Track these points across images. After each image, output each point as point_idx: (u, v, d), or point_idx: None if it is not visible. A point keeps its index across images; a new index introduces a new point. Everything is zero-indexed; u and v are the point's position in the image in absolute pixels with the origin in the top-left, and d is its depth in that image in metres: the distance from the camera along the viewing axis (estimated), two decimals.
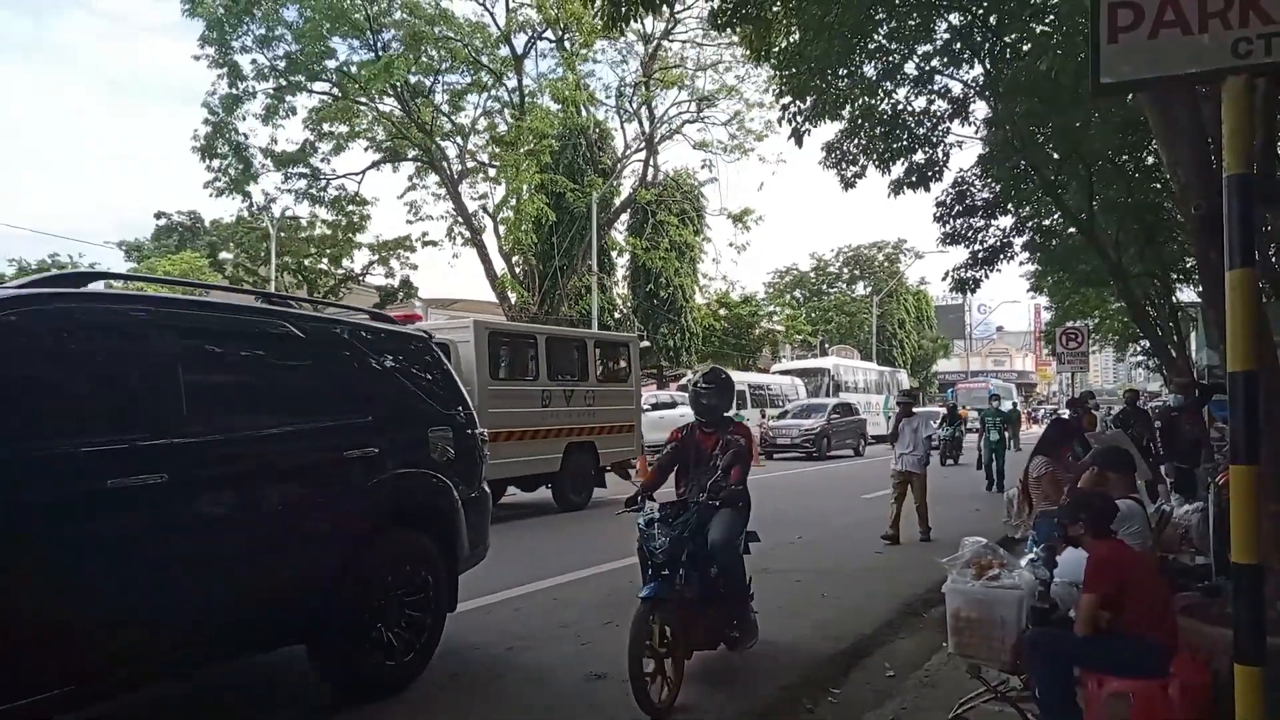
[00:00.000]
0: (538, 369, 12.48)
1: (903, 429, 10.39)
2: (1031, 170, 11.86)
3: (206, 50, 23.73)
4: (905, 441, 10.32)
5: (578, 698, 4.76)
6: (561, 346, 13.37)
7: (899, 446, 10.39)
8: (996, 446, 15.96)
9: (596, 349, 13.95)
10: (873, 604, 7.00)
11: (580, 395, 13.14)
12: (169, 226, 28.33)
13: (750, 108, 30.20)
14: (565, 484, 12.78)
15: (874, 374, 38.36)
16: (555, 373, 12.77)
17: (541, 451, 12.31)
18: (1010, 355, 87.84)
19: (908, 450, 10.27)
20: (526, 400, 12.15)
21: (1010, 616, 3.88)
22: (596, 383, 13.56)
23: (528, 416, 12.07)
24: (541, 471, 12.50)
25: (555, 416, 12.61)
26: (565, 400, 12.82)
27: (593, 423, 13.34)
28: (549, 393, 12.52)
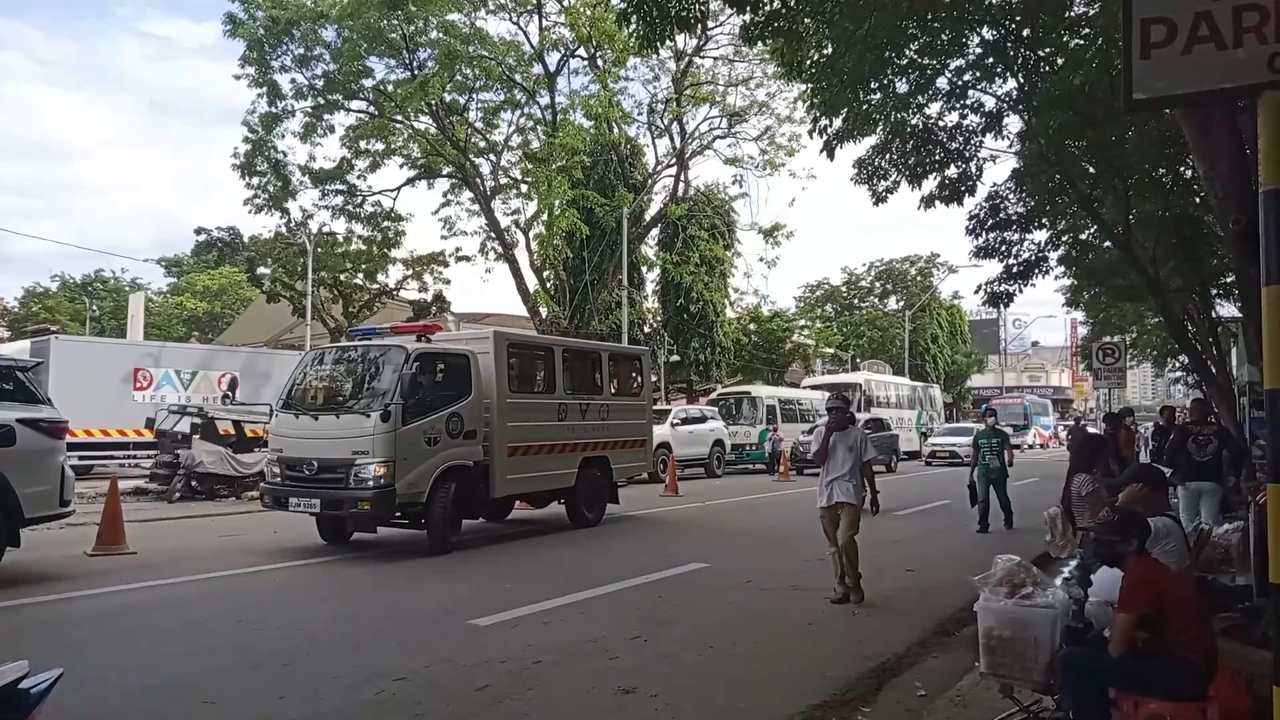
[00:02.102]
0: (554, 381, 12.31)
1: (834, 446, 7.64)
2: (1067, 184, 11.74)
3: (247, 70, 24.28)
4: (838, 463, 7.60)
5: (607, 712, 4.76)
6: (577, 359, 13.28)
7: (828, 470, 7.65)
8: (998, 476, 12.80)
9: (610, 362, 13.80)
10: (904, 622, 6.94)
11: (595, 409, 12.95)
12: (209, 242, 28.77)
13: (781, 123, 30.27)
14: (580, 500, 12.53)
15: (906, 389, 38.00)
16: (571, 385, 12.63)
17: (557, 466, 12.10)
18: (1046, 370, 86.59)
19: (840, 474, 7.57)
20: (544, 413, 11.97)
21: (1044, 635, 3.83)
22: (611, 396, 13.42)
23: (544, 430, 11.88)
24: (557, 487, 12.31)
25: (571, 430, 12.39)
26: (581, 414, 12.64)
27: (607, 437, 13.12)
28: (565, 406, 12.35)
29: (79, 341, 26.14)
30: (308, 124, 25.63)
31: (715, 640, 6.26)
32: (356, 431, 9.64)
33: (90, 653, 5.86)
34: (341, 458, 9.59)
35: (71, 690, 4.97)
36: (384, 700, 4.89)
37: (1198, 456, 8.89)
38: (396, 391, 9.68)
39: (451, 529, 10.27)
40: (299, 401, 10.57)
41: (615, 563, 9.55)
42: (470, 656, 5.76)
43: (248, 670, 5.44)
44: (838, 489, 7.57)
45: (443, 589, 8.21)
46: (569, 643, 6.15)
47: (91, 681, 5.19)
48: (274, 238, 28.59)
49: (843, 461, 7.59)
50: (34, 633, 6.44)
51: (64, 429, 8.71)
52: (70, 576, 8.39)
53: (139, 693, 4.99)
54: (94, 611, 7.16)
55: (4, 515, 7.84)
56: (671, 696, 4.99)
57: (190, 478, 16.15)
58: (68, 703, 4.75)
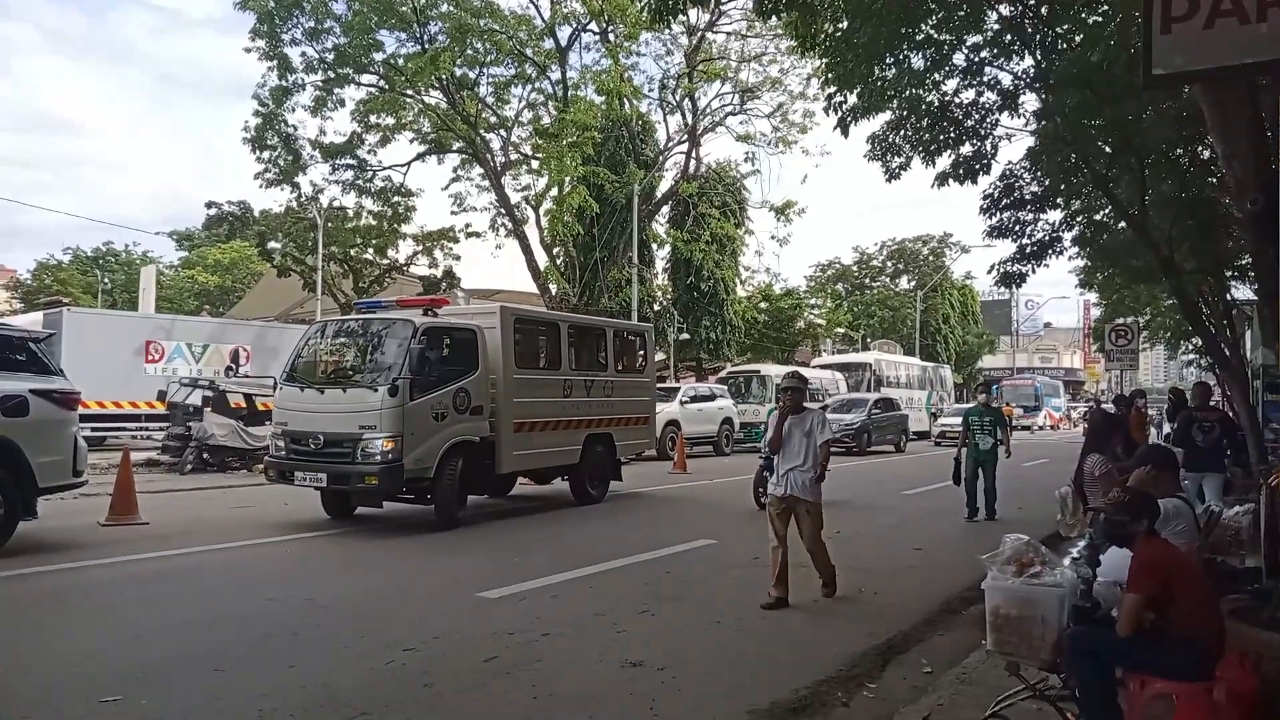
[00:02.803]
0: (560, 357, 12.24)
1: (789, 432, 6.87)
2: (1082, 164, 11.61)
3: (257, 43, 24.17)
4: (793, 451, 6.82)
5: (615, 684, 4.80)
6: (582, 335, 13.17)
7: (783, 460, 6.87)
8: (986, 458, 11.56)
9: (615, 338, 13.70)
10: (911, 600, 6.96)
11: (600, 385, 12.87)
12: (219, 216, 28.79)
13: (794, 100, 30.03)
14: (584, 476, 12.50)
15: (917, 369, 37.91)
16: (576, 362, 12.55)
17: (563, 443, 12.08)
18: (1058, 352, 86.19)
19: (796, 464, 6.78)
20: (550, 390, 11.92)
21: (1051, 615, 3.82)
22: (615, 373, 13.35)
23: (550, 406, 11.83)
24: (562, 464, 12.27)
25: (576, 407, 12.34)
26: (586, 390, 12.56)
27: (611, 414, 13.05)
28: (570, 382, 12.28)
29: (91, 314, 26.24)
30: (318, 98, 25.52)
31: (722, 616, 6.29)
32: (364, 406, 9.57)
33: (103, 621, 5.94)
34: (348, 432, 9.54)
35: (85, 659, 5.05)
36: (394, 670, 4.93)
37: (1201, 443, 8.81)
38: (404, 366, 9.61)
39: (458, 504, 10.29)
40: (304, 374, 10.51)
41: (623, 538, 9.60)
42: (479, 629, 5.81)
43: (258, 640, 5.50)
44: (793, 481, 6.79)
45: (451, 562, 8.27)
46: (576, 616, 6.20)
47: (105, 649, 5.26)
48: (284, 212, 28.59)
49: (799, 449, 6.78)
50: (48, 601, 6.51)
51: (76, 400, 8.77)
52: (83, 546, 8.48)
53: (151, 661, 5.05)
54: (107, 580, 7.24)
55: (18, 485, 7.91)
56: (678, 670, 5.02)
57: (202, 450, 16.26)
58: (82, 671, 4.83)
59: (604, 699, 4.59)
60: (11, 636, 5.53)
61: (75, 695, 4.43)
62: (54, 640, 5.45)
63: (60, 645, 5.33)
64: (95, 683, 4.60)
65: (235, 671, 4.88)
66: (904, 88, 10.37)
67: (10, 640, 5.44)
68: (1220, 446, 8.86)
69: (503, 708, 4.44)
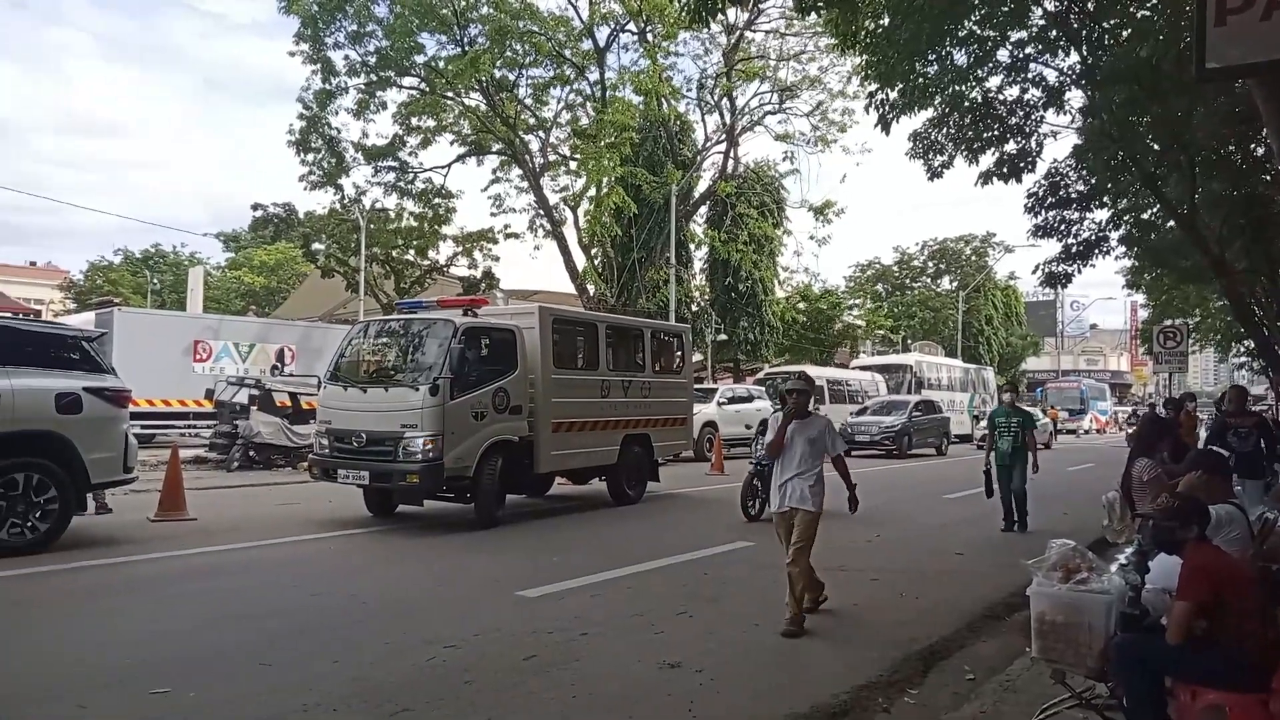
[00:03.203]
0: (598, 358, 12.25)
1: (791, 439, 6.17)
2: (1130, 161, 11.41)
3: (301, 47, 24.53)
4: (794, 458, 6.14)
5: (653, 685, 4.80)
6: (620, 335, 13.17)
7: (782, 468, 6.22)
8: (1012, 460, 10.78)
9: (652, 339, 13.66)
10: (952, 605, 6.86)
11: (637, 386, 12.84)
12: (265, 218, 29.29)
13: (834, 98, 29.72)
14: (621, 477, 12.47)
15: (959, 371, 37.39)
16: (614, 362, 12.55)
17: (600, 443, 12.07)
18: (1104, 354, 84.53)
19: (798, 472, 6.11)
20: (588, 390, 11.90)
21: (1098, 622, 3.75)
22: (653, 373, 13.30)
23: (588, 407, 11.83)
24: (599, 464, 12.29)
25: (614, 407, 12.32)
26: (623, 391, 12.55)
27: (649, 414, 13.00)
28: (608, 383, 12.28)
29: (141, 313, 26.88)
30: (361, 100, 25.86)
31: (760, 618, 6.26)
32: (405, 405, 9.66)
33: (152, 614, 6.07)
34: (390, 430, 9.63)
35: (134, 649, 5.16)
36: (435, 666, 4.98)
37: (1239, 449, 8.54)
38: (445, 365, 9.68)
39: (497, 503, 10.36)
40: (348, 374, 10.65)
41: (661, 539, 9.60)
42: (518, 626, 5.84)
43: (302, 634, 5.59)
44: (793, 490, 6.12)
45: (491, 561, 8.33)
46: (615, 616, 6.21)
47: (153, 641, 5.37)
48: (328, 214, 29.01)
49: (801, 457, 6.12)
50: (99, 594, 6.68)
51: (127, 398, 8.97)
52: (133, 540, 8.69)
53: (199, 653, 5.15)
54: (156, 575, 7.40)
55: (72, 480, 8.12)
56: (716, 672, 5.01)
57: (248, 448, 16.56)
58: (130, 662, 4.94)
59: (642, 699, 4.59)
60: (64, 628, 5.68)
61: (126, 687, 4.54)
62: (105, 632, 5.59)
63: (111, 637, 5.46)
64: (144, 674, 4.70)
65: (280, 665, 4.96)
66: (946, 85, 10.27)
67: (63, 632, 5.59)
68: (1258, 453, 8.59)
69: (542, 706, 4.46)
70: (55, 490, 7.96)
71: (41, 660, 4.96)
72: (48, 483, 7.91)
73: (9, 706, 4.30)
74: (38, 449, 7.91)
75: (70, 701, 4.31)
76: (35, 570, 7.20)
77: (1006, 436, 10.86)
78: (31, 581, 6.93)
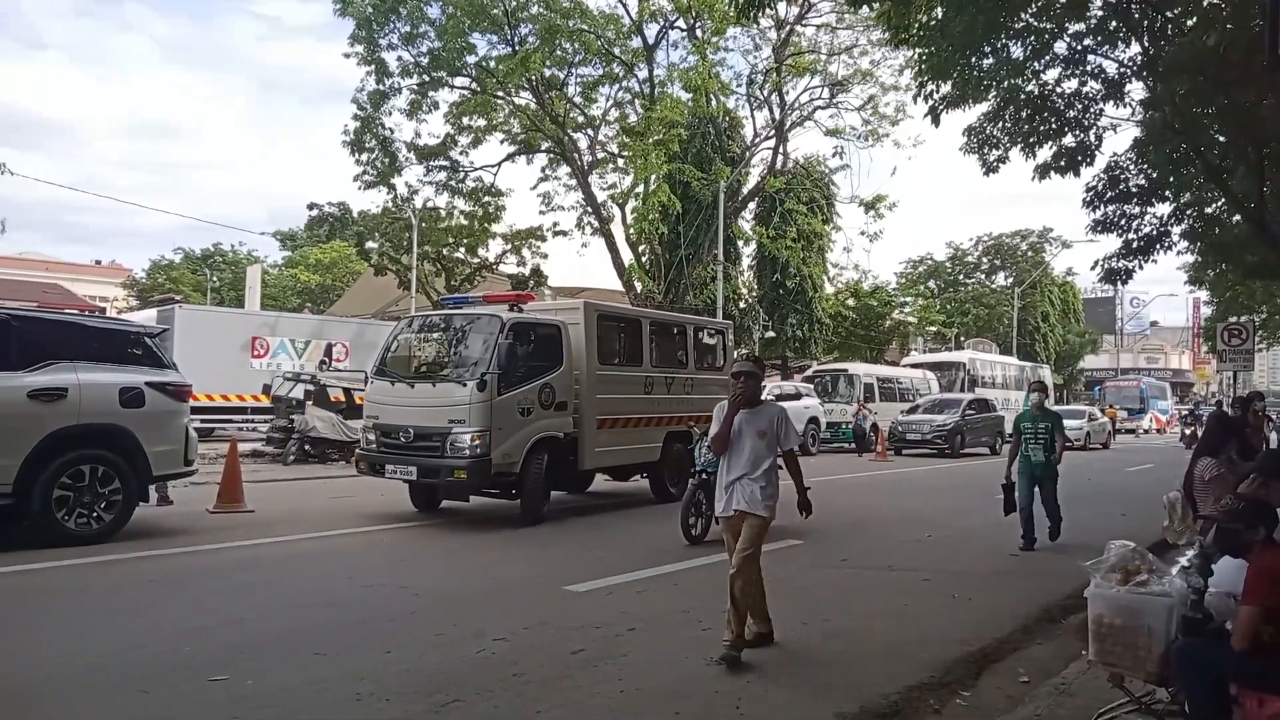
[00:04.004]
0: (641, 354, 12.12)
1: (738, 431, 5.37)
2: (1193, 154, 11.07)
3: (356, 48, 24.96)
4: (743, 455, 5.35)
5: (700, 682, 4.79)
6: (663, 331, 13.02)
7: (729, 466, 5.43)
8: (1043, 473, 9.35)
9: (695, 335, 13.48)
10: (1006, 607, 6.73)
11: (680, 382, 12.69)
12: (320, 217, 29.84)
13: (885, 91, 29.37)
14: (664, 474, 12.27)
15: (1013, 369, 36.70)
16: (657, 358, 12.41)
17: (643, 440, 11.94)
18: (1165, 352, 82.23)
19: (745, 472, 5.33)
20: (631, 386, 11.80)
21: (1159, 625, 3.66)
22: (695, 370, 13.11)
23: (632, 403, 11.72)
24: (642, 461, 12.16)
25: (657, 404, 12.19)
26: (666, 387, 12.39)
27: (691, 411, 12.67)
28: (651, 379, 12.15)
29: (201, 310, 27.64)
30: (413, 101, 26.22)
31: (809, 617, 6.21)
32: (452, 400, 9.65)
33: (211, 603, 6.23)
34: (437, 426, 9.60)
35: (194, 637, 5.30)
36: (484, 659, 5.04)
37: None
38: (493, 361, 9.64)
39: (543, 500, 10.36)
40: (394, 369, 10.63)
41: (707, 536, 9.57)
42: (566, 621, 5.88)
43: (356, 625, 5.69)
44: (740, 492, 5.32)
45: (539, 555, 8.39)
46: (662, 612, 6.21)
47: (213, 630, 5.51)
48: (381, 213, 29.47)
49: (750, 453, 5.32)
50: (160, 582, 6.87)
51: (188, 392, 9.22)
52: (193, 531, 8.93)
53: (255, 642, 5.28)
54: (215, 565, 7.60)
55: (135, 472, 8.37)
56: (764, 670, 4.99)
57: (304, 442, 16.92)
58: (190, 649, 5.08)
59: (689, 695, 4.58)
60: (127, 615, 5.86)
61: (186, 673, 4.67)
62: (165, 619, 5.74)
63: (172, 624, 5.61)
64: (204, 661, 4.83)
65: (334, 654, 5.05)
66: (1002, 78, 10.06)
67: (125, 619, 5.76)
68: None
69: (589, 699, 4.48)
70: (119, 482, 8.22)
71: (105, 646, 5.12)
72: (112, 474, 8.17)
73: (75, 690, 4.45)
74: (103, 442, 8.18)
75: (133, 687, 4.44)
76: (100, 559, 7.44)
77: (1036, 445, 9.31)
78: (96, 570, 7.17)
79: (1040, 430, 9.35)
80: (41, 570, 7.03)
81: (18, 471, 7.58)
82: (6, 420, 7.56)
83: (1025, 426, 9.50)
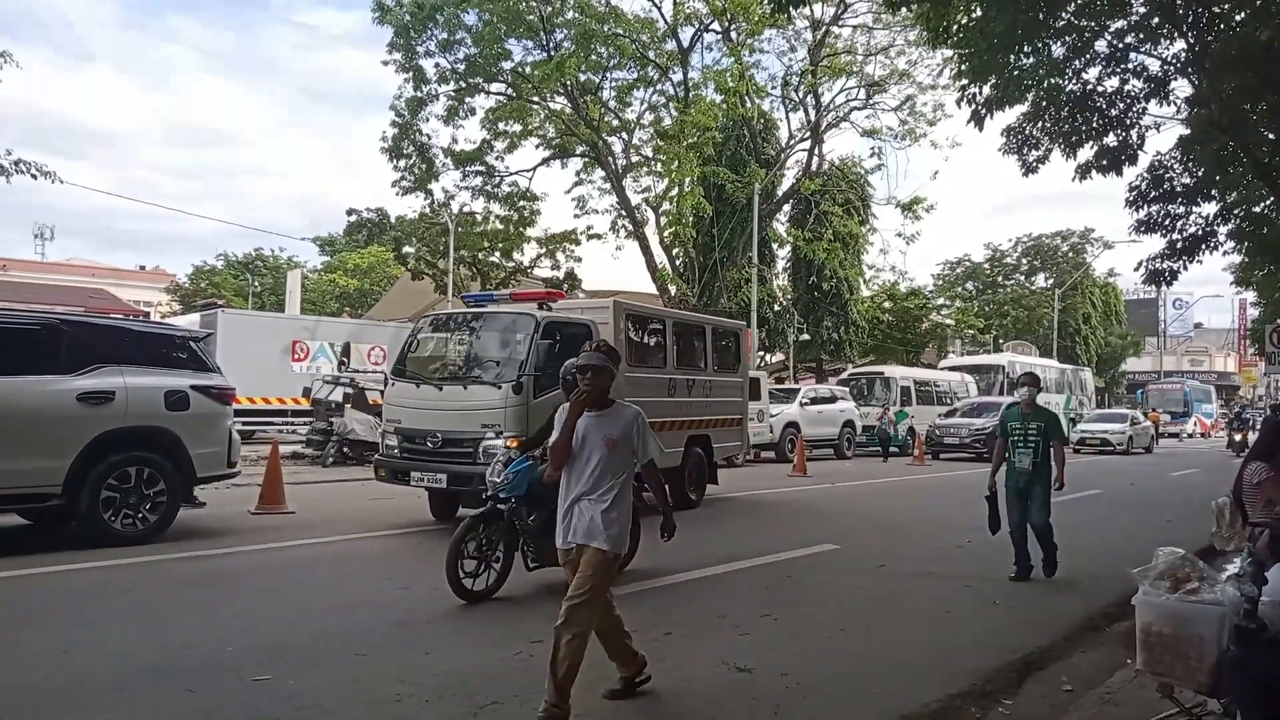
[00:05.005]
0: (665, 355, 11.74)
1: (582, 438, 4.32)
2: (1241, 152, 10.84)
3: (394, 56, 25.31)
4: (585, 469, 4.29)
5: (737, 687, 4.76)
6: (684, 332, 12.58)
7: (569, 482, 4.34)
8: (1031, 482, 7.70)
9: (713, 337, 13.00)
10: (1049, 615, 6.62)
11: (700, 385, 12.30)
12: (359, 223, 30.26)
13: (923, 91, 29.05)
14: (685, 480, 11.81)
15: (1054, 372, 36.13)
16: (680, 360, 12.02)
17: (666, 445, 11.08)
18: (1209, 355, 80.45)
19: (586, 491, 4.26)
20: (656, 389, 11.30)
21: (1210, 634, 3.57)
22: (713, 372, 12.73)
23: (658, 407, 10.99)
24: (665, 466, 11.61)
25: (680, 407, 11.74)
26: (688, 390, 11.98)
27: (709, 415, 12.42)
28: (675, 381, 11.74)
29: (243, 315, 28.08)
30: (450, 107, 26.52)
31: (846, 623, 6.16)
32: (486, 404, 9.15)
33: (254, 603, 6.32)
34: (469, 431, 9.11)
35: (237, 636, 5.38)
36: (522, 661, 5.06)
37: None
38: (530, 362, 9.17)
39: None
40: (418, 370, 10.08)
41: (743, 540, 9.54)
42: None
43: (395, 626, 5.74)
44: (578, 517, 4.25)
45: None
46: (698, 616, 6.20)
47: (252, 629, 5.59)
48: (418, 218, 29.82)
49: (595, 467, 4.25)
50: (204, 582, 6.99)
51: (231, 395, 9.38)
52: (235, 532, 9.08)
53: (296, 642, 5.35)
54: (256, 565, 7.71)
55: (180, 474, 8.53)
56: (802, 676, 4.95)
57: (343, 444, 17.13)
58: (234, 648, 5.15)
59: (726, 701, 4.56)
60: (172, 614, 5.96)
61: (229, 673, 4.74)
62: (208, 619, 5.84)
63: (215, 624, 5.70)
64: (247, 661, 4.90)
65: (374, 655, 5.10)
66: (1042, 77, 9.92)
67: (171, 618, 5.86)
68: None
69: (627, 703, 4.48)
70: (164, 483, 8.38)
71: (151, 645, 5.21)
72: (157, 476, 8.35)
73: (122, 688, 4.53)
74: (149, 444, 8.35)
75: (179, 686, 4.52)
76: (146, 559, 7.59)
77: (1024, 450, 7.75)
78: (142, 570, 7.31)
79: (1030, 432, 7.79)
80: (88, 570, 7.18)
81: (67, 473, 7.76)
82: (57, 423, 7.75)
83: (1012, 427, 7.90)
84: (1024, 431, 7.81)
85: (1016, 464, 7.81)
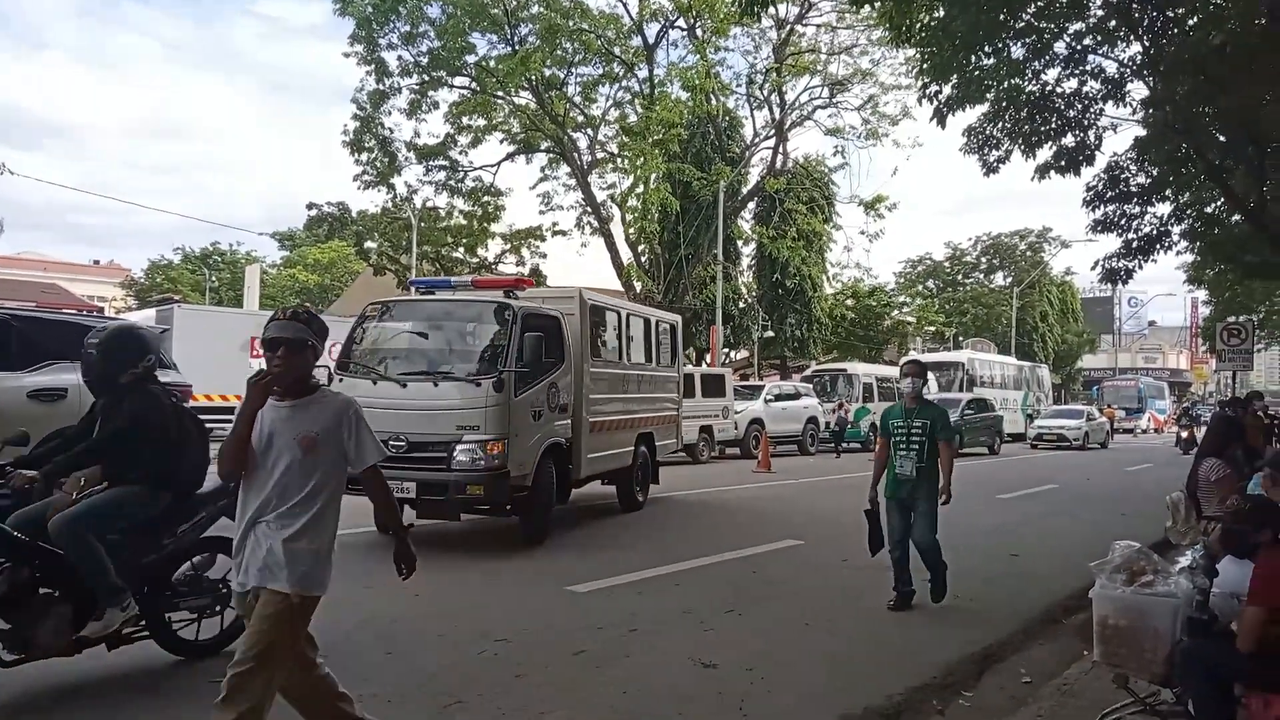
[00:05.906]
0: (620, 349, 11.03)
1: (268, 439, 3.29)
2: (1194, 153, 11.09)
3: (355, 48, 24.95)
4: (266, 480, 3.27)
5: (703, 683, 4.78)
6: (636, 325, 11.73)
7: (246, 497, 3.34)
8: (911, 494, 6.51)
9: (655, 330, 12.15)
10: (1008, 608, 6.73)
11: (647, 380, 11.65)
12: (319, 217, 29.89)
13: (886, 91, 29.33)
14: (634, 480, 11.22)
15: (1012, 369, 36.73)
16: (630, 354, 11.34)
17: (621, 444, 10.74)
18: (1163, 352, 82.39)
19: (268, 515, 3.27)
20: (615, 385, 10.66)
21: (1164, 626, 3.65)
22: (656, 367, 12.05)
23: (616, 404, 10.60)
24: (617, 467, 10.79)
25: (631, 404, 11.11)
26: (637, 386, 11.34)
27: (654, 412, 11.83)
28: (628, 377, 11.14)
29: (200, 310, 27.61)
30: (413, 101, 26.21)
31: (810, 618, 6.21)
32: (463, 403, 8.02)
33: None
34: (442, 433, 7.96)
35: None
36: (486, 660, 5.03)
37: None
38: (510, 356, 8.11)
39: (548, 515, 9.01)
40: (371, 364, 8.64)
41: (707, 537, 9.56)
42: (569, 622, 5.87)
43: (357, 626, 5.66)
44: (257, 547, 3.25)
45: (539, 555, 8.34)
46: (664, 613, 6.20)
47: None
48: (380, 213, 29.49)
49: (284, 475, 3.27)
50: None
51: (188, 393, 9.21)
52: None
53: None
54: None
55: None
56: (767, 671, 4.98)
57: None
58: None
59: (692, 697, 4.58)
60: None
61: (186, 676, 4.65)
62: None
63: None
64: (209, 663, 4.81)
65: (334, 655, 4.99)
66: (1002, 78, 10.07)
67: None
68: None
69: (592, 700, 4.47)
70: None
71: None
72: None
73: None
74: None
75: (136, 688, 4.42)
76: None
77: (906, 454, 6.46)
78: None
79: (914, 431, 6.46)
80: None
81: None
82: (7, 421, 7.54)
83: (895, 425, 6.58)
84: (907, 430, 6.49)
85: (897, 469, 6.50)
